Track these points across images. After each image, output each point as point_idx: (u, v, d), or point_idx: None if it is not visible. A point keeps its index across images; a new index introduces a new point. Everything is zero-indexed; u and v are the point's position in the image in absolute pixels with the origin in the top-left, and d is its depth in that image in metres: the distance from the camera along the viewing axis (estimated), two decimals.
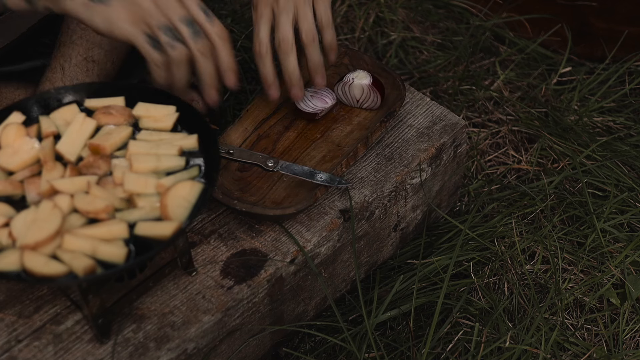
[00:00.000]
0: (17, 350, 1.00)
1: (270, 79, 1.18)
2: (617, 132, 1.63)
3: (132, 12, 0.99)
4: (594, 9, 1.91)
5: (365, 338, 1.20)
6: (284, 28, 1.15)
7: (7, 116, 1.03)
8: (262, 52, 1.15)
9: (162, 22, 1.00)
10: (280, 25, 1.15)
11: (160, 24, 1.00)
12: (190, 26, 1.01)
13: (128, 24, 0.99)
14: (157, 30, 1.00)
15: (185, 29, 1.01)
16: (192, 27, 1.01)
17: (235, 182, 1.19)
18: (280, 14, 1.15)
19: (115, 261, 0.90)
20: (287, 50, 1.16)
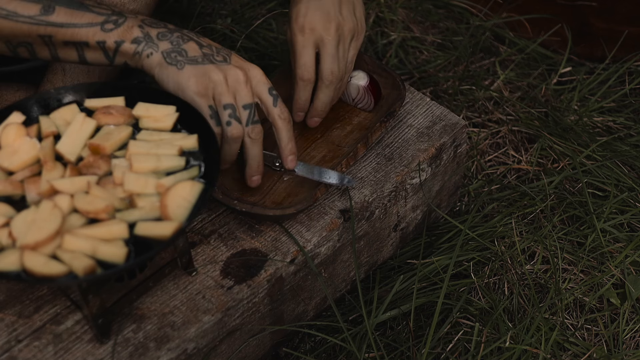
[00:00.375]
0: (17, 350, 1.00)
1: (305, 106, 1.22)
2: (617, 132, 1.63)
3: (202, 82, 1.03)
4: (594, 9, 1.91)
5: (365, 338, 1.20)
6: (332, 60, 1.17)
7: (7, 116, 1.03)
8: (306, 78, 1.18)
9: (227, 101, 1.04)
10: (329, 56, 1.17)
11: (226, 102, 1.04)
12: (250, 112, 1.06)
13: (196, 93, 1.03)
14: (220, 107, 1.04)
15: (245, 114, 1.05)
16: (252, 113, 1.06)
17: (235, 182, 1.19)
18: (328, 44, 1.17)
19: (115, 261, 0.90)
20: (332, 82, 1.19)
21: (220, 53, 1.06)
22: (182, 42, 1.04)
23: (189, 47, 1.04)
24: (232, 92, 1.05)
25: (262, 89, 1.07)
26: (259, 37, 1.79)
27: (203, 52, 1.04)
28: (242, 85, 1.05)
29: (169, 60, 1.03)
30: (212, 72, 1.03)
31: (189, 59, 1.03)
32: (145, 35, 1.03)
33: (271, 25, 1.84)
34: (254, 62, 1.71)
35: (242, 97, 1.05)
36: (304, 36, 1.16)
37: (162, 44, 1.03)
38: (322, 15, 1.16)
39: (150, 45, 1.03)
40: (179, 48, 1.03)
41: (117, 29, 1.02)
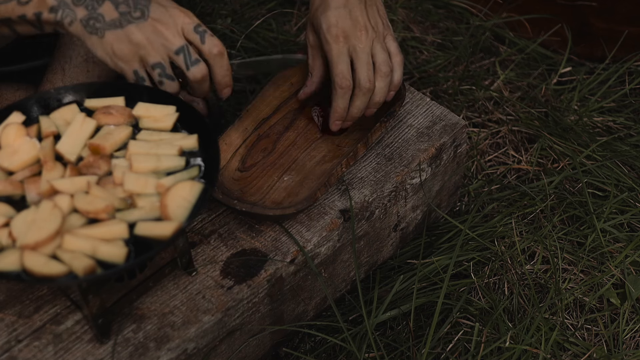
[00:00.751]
0: (17, 350, 1.00)
1: (344, 114, 1.22)
2: (617, 132, 1.63)
3: (125, 48, 1.02)
4: (594, 9, 1.91)
5: (365, 338, 1.20)
6: (368, 68, 1.18)
7: (7, 116, 1.03)
8: (345, 86, 1.18)
9: (154, 60, 1.03)
10: (364, 64, 1.18)
11: (154, 62, 1.03)
12: (185, 55, 1.04)
13: (121, 60, 1.02)
14: (149, 68, 1.04)
15: (181, 59, 1.04)
16: (187, 55, 1.04)
17: (235, 182, 1.19)
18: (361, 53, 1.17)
19: (115, 261, 0.90)
20: (369, 89, 1.19)
21: (138, 6, 1.02)
22: (97, 4, 1.01)
23: (105, 9, 1.01)
24: (158, 47, 1.03)
25: (188, 29, 1.04)
26: (259, 37, 1.79)
27: (120, 11, 1.01)
28: (167, 35, 1.03)
29: (88, 29, 1.01)
30: (133, 35, 1.01)
31: (107, 24, 1.01)
32: (60, 2, 1.01)
33: (271, 25, 1.84)
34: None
35: (170, 45, 1.03)
36: (338, 45, 1.17)
37: (78, 10, 1.01)
38: (352, 23, 1.17)
39: (67, 13, 1.01)
40: (95, 13, 1.01)
41: (32, 1, 1.01)
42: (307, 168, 1.22)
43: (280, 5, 1.93)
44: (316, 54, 1.24)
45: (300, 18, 1.90)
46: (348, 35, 1.17)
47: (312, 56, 1.24)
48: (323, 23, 1.18)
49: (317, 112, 1.29)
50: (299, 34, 1.86)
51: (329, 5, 1.18)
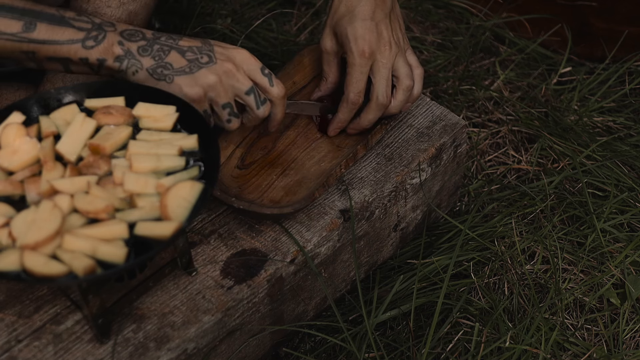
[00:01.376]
0: (17, 350, 1.00)
1: (345, 125, 1.25)
2: (617, 132, 1.63)
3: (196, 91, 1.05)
4: (594, 9, 1.91)
5: (365, 338, 1.20)
6: (387, 84, 1.20)
7: (7, 116, 1.03)
8: (357, 103, 1.21)
9: (224, 100, 1.07)
10: (383, 80, 1.19)
11: (223, 102, 1.08)
12: (255, 95, 1.09)
13: (191, 101, 1.06)
14: (219, 108, 1.08)
15: (252, 100, 1.09)
16: (257, 96, 1.10)
17: (234, 179, 1.19)
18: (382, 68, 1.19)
19: (115, 261, 0.90)
20: (384, 105, 1.21)
21: (204, 52, 1.06)
22: (164, 55, 1.05)
23: (172, 58, 1.05)
24: (227, 88, 1.07)
25: (255, 71, 1.09)
26: (259, 37, 1.79)
27: (187, 59, 1.06)
28: (237, 76, 1.07)
29: (156, 76, 1.05)
30: (204, 78, 1.05)
31: (176, 70, 1.05)
32: (127, 52, 1.04)
33: (271, 25, 1.84)
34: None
35: (240, 86, 1.07)
36: (362, 60, 1.18)
37: (144, 60, 1.04)
38: (378, 37, 1.18)
39: (133, 63, 1.04)
40: (162, 62, 1.05)
41: (98, 46, 1.04)
42: (306, 167, 1.22)
43: (280, 5, 1.93)
44: (332, 60, 1.25)
45: (300, 18, 1.90)
46: (373, 51, 1.18)
47: (328, 62, 1.26)
48: (349, 34, 1.18)
49: None
50: (299, 34, 1.86)
51: (356, 16, 1.19)
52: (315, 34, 1.85)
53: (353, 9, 1.19)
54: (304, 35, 1.84)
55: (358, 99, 1.21)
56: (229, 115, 1.09)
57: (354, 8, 1.19)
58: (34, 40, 1.02)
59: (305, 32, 1.85)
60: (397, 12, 1.25)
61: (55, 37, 1.03)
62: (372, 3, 1.19)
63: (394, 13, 1.23)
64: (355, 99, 1.20)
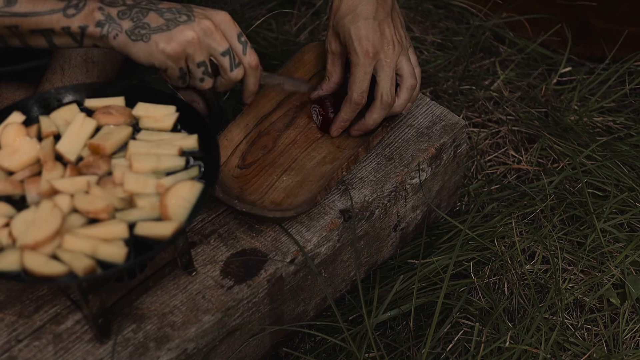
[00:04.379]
0: (17, 350, 1.00)
1: (347, 125, 1.25)
2: (617, 132, 1.63)
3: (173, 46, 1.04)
4: (594, 9, 1.91)
5: (365, 338, 1.20)
6: (391, 83, 1.20)
7: (7, 116, 1.03)
8: (360, 103, 1.21)
9: (200, 58, 1.07)
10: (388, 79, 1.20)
11: (199, 60, 1.07)
12: (230, 58, 1.09)
13: (169, 57, 1.05)
14: (194, 65, 1.07)
15: (227, 61, 1.08)
16: (232, 59, 1.09)
17: (234, 179, 1.19)
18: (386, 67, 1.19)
19: (115, 261, 0.90)
20: (389, 104, 1.21)
21: (182, 12, 1.06)
22: (142, 16, 1.05)
23: (150, 18, 1.05)
24: (205, 47, 1.06)
25: (232, 34, 1.08)
26: (259, 37, 1.79)
27: (165, 18, 1.05)
28: (215, 35, 1.06)
29: (133, 37, 1.04)
30: (181, 34, 1.04)
31: (153, 29, 1.04)
32: (107, 17, 1.04)
33: (271, 25, 1.84)
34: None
35: (217, 46, 1.07)
36: (366, 60, 1.18)
37: (124, 22, 1.04)
38: (381, 36, 1.19)
39: (113, 27, 1.04)
40: (140, 23, 1.04)
41: (79, 14, 1.03)
42: (306, 168, 1.22)
43: (280, 5, 1.93)
44: (337, 60, 1.25)
45: (300, 18, 1.90)
46: (377, 51, 1.18)
47: (332, 62, 1.25)
48: (353, 34, 1.19)
49: (317, 111, 1.28)
50: (299, 34, 1.86)
51: (359, 15, 1.19)
52: (315, 34, 1.85)
53: (355, 8, 1.19)
54: (304, 35, 1.84)
55: (361, 99, 1.21)
56: (202, 74, 1.08)
57: (355, 7, 1.19)
58: (16, 13, 1.02)
59: (305, 32, 1.85)
60: (397, 10, 1.25)
61: (36, 9, 1.03)
62: (374, 2, 1.19)
63: (395, 11, 1.23)
64: (358, 98, 1.20)
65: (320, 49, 1.34)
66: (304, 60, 1.34)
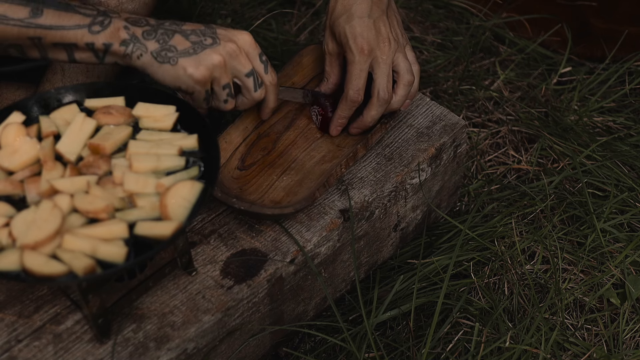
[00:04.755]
0: (17, 350, 1.00)
1: (345, 123, 1.26)
2: (617, 132, 1.63)
3: (200, 71, 1.06)
4: (594, 9, 1.91)
5: (365, 338, 1.20)
6: (388, 80, 1.20)
7: (7, 116, 1.03)
8: (357, 101, 1.21)
9: (225, 81, 1.09)
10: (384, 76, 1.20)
11: (224, 83, 1.09)
12: (254, 78, 1.11)
13: (196, 82, 1.06)
14: (219, 88, 1.10)
15: (251, 82, 1.11)
16: (256, 79, 1.12)
17: (234, 180, 1.19)
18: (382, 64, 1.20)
19: (115, 261, 0.90)
20: (386, 100, 1.21)
21: (207, 35, 1.07)
22: (168, 38, 1.06)
23: (176, 41, 1.06)
24: (230, 68, 1.08)
25: (254, 56, 1.11)
26: (259, 37, 1.79)
27: (191, 41, 1.06)
28: (240, 58, 1.09)
29: (160, 59, 1.05)
30: (209, 58, 1.06)
31: (180, 52, 1.05)
32: (132, 37, 1.05)
33: (271, 25, 1.84)
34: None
35: (242, 68, 1.09)
36: (362, 58, 1.19)
37: (149, 43, 1.05)
38: (376, 34, 1.19)
39: (138, 47, 1.05)
40: (166, 45, 1.05)
41: (104, 31, 1.04)
42: (306, 168, 1.22)
43: (280, 5, 1.93)
44: (334, 61, 1.26)
45: (300, 18, 1.90)
46: (372, 48, 1.19)
47: (330, 63, 1.26)
48: (348, 32, 1.19)
49: (317, 112, 1.29)
50: (299, 34, 1.86)
51: (353, 14, 1.19)
52: (315, 34, 1.85)
53: (350, 7, 1.19)
54: (304, 35, 1.84)
55: (357, 96, 1.21)
56: (227, 95, 1.11)
57: (350, 7, 1.19)
58: (41, 25, 1.03)
59: (305, 32, 1.85)
60: (394, 7, 1.25)
61: (62, 23, 1.03)
62: (369, 0, 1.19)
63: (390, 9, 1.23)
64: (354, 96, 1.20)
65: (319, 52, 1.34)
66: (302, 64, 1.34)
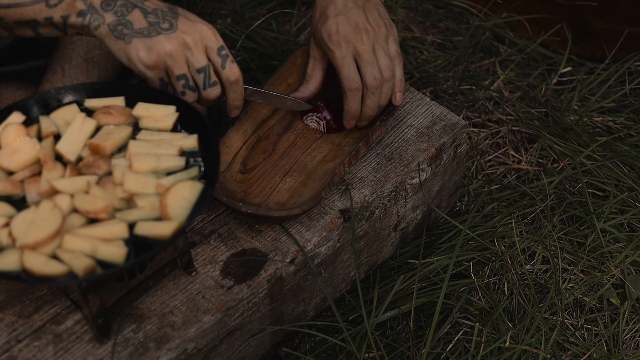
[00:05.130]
0: (17, 350, 1.00)
1: (357, 114, 1.24)
2: (617, 132, 1.63)
3: (151, 56, 1.04)
4: (594, 9, 1.91)
5: (365, 338, 1.20)
6: (372, 67, 1.20)
7: (7, 116, 1.03)
8: (354, 87, 1.21)
9: (179, 72, 1.06)
10: (368, 64, 1.20)
11: (178, 74, 1.06)
12: (205, 75, 1.08)
13: (147, 67, 1.05)
14: (173, 78, 1.07)
15: (201, 78, 1.08)
16: (207, 77, 1.08)
17: (237, 184, 1.19)
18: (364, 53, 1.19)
19: (115, 261, 0.90)
20: (377, 87, 1.21)
21: (167, 18, 1.05)
22: (126, 12, 1.04)
23: (134, 17, 1.04)
24: (184, 60, 1.06)
25: (212, 49, 1.07)
26: (259, 37, 1.79)
27: (148, 21, 1.04)
28: (193, 51, 1.06)
29: (115, 34, 1.03)
30: (161, 45, 1.04)
31: (135, 31, 1.03)
32: (89, 7, 1.03)
33: (271, 25, 1.84)
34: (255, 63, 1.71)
35: (194, 61, 1.06)
36: (341, 50, 1.19)
37: (107, 15, 1.03)
38: (352, 27, 1.19)
39: (95, 17, 1.03)
40: (124, 19, 1.03)
41: (61, 4, 1.03)
42: (309, 168, 1.22)
43: (280, 5, 1.93)
44: (317, 65, 1.26)
45: (300, 18, 1.90)
46: (349, 40, 1.19)
47: (313, 66, 1.27)
48: (324, 33, 1.20)
49: (316, 118, 1.28)
50: (299, 34, 1.86)
51: (328, 15, 1.21)
52: None
53: (325, 9, 1.21)
54: (304, 35, 1.84)
55: (352, 84, 1.20)
56: (183, 87, 1.08)
57: (326, 9, 1.21)
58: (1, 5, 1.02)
59: (305, 32, 1.85)
60: (375, 1, 1.25)
61: (19, 0, 1.02)
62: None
63: (370, 2, 1.23)
64: (350, 84, 1.20)
65: None
66: (297, 65, 1.34)
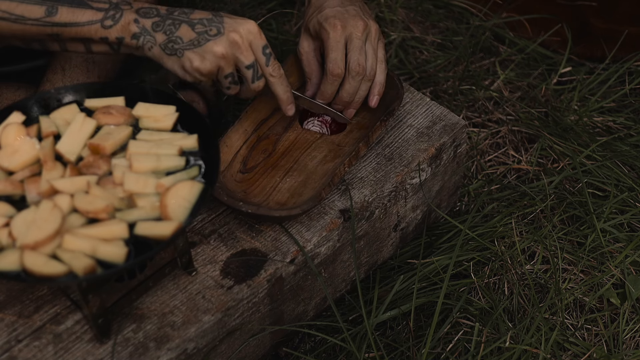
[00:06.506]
0: (17, 350, 1.00)
1: (329, 98, 1.26)
2: (617, 132, 1.63)
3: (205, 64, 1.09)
4: (594, 9, 1.91)
5: (365, 338, 1.20)
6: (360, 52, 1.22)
7: (7, 116, 1.03)
8: (336, 73, 1.22)
9: (227, 71, 1.12)
10: (356, 49, 1.21)
11: (227, 73, 1.12)
12: (254, 71, 1.13)
13: (203, 75, 1.10)
14: (221, 77, 1.12)
15: (250, 74, 1.13)
16: (255, 72, 1.13)
17: (238, 183, 1.19)
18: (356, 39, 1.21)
19: (115, 261, 0.90)
20: (358, 73, 1.22)
21: (213, 25, 1.09)
22: (174, 29, 1.08)
23: (182, 32, 1.08)
24: (232, 59, 1.11)
25: (257, 47, 1.12)
26: None
27: (196, 31, 1.08)
28: (242, 49, 1.10)
29: (168, 51, 1.08)
30: (212, 51, 1.08)
31: (186, 44, 1.08)
32: (142, 29, 1.07)
33: (271, 25, 1.84)
34: None
35: (244, 59, 1.11)
36: (336, 32, 1.21)
37: (158, 35, 1.08)
38: (349, 16, 1.22)
39: (148, 39, 1.08)
40: (173, 37, 1.08)
41: (116, 25, 1.07)
42: (309, 168, 1.22)
43: (280, 5, 1.93)
44: (311, 59, 1.28)
45: (300, 18, 1.90)
46: (346, 25, 1.21)
47: (307, 61, 1.28)
48: (321, 19, 1.22)
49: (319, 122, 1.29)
50: (298, 34, 1.86)
51: (325, 7, 1.23)
52: None
53: (321, 4, 1.24)
54: None
55: (335, 69, 1.21)
56: (229, 83, 1.13)
57: (321, 4, 1.24)
58: (57, 23, 1.06)
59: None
60: (367, 9, 1.28)
61: (76, 19, 1.06)
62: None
63: (363, 5, 1.27)
64: (333, 68, 1.21)
65: None
66: (297, 65, 1.34)
